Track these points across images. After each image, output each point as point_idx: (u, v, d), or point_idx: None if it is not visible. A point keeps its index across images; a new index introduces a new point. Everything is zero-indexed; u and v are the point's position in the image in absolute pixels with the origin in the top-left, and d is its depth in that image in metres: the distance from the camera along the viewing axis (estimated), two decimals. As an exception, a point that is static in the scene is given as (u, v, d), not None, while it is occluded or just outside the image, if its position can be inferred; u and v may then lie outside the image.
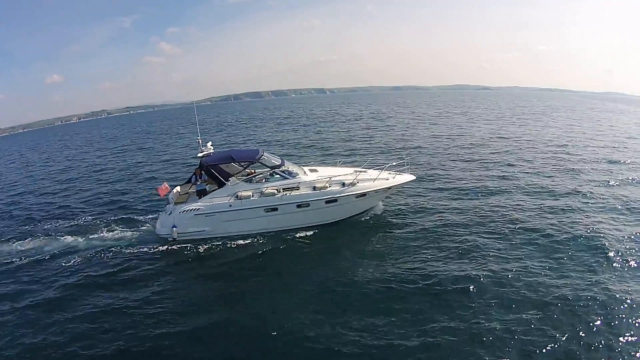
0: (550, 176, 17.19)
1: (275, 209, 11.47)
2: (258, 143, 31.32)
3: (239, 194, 11.45)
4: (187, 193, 12.82)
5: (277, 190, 11.51)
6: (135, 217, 14.05)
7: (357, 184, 11.89)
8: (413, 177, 13.14)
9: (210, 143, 13.13)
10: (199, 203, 11.59)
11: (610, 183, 15.79)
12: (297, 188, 11.59)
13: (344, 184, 11.82)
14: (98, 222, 13.81)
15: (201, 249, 11.23)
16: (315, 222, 11.82)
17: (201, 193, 11.94)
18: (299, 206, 11.52)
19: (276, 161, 12.39)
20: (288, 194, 11.48)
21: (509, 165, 19.51)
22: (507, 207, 13.22)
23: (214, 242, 11.46)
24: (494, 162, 20.22)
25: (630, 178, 16.40)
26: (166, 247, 11.48)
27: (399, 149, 24.45)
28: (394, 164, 12.79)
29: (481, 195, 14.68)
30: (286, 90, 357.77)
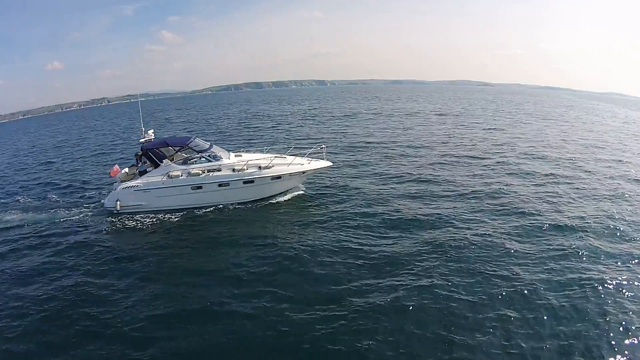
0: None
1: (200, 187, 13.41)
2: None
3: (170, 173, 13.39)
4: (134, 173, 14.82)
5: (202, 171, 13.43)
6: (91, 195, 16.20)
7: (273, 167, 13.73)
8: (330, 164, 14.83)
9: (151, 130, 15.07)
10: (137, 181, 13.59)
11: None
12: (219, 169, 13.52)
13: (260, 167, 13.69)
14: (56, 198, 16.01)
15: (138, 220, 13.18)
16: (235, 199, 13.74)
17: (143, 173, 13.97)
18: (220, 185, 13.45)
19: (205, 146, 14.30)
20: (211, 175, 13.44)
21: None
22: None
23: (150, 214, 13.44)
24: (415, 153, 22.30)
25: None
26: (110, 218, 13.50)
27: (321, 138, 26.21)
28: (311, 150, 14.66)
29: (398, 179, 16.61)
30: (287, 81, 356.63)
